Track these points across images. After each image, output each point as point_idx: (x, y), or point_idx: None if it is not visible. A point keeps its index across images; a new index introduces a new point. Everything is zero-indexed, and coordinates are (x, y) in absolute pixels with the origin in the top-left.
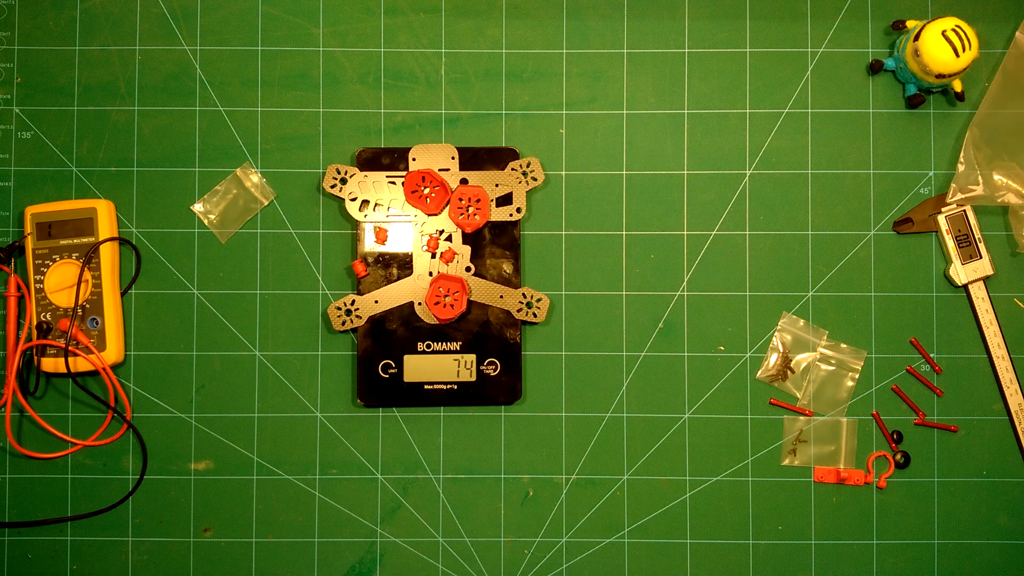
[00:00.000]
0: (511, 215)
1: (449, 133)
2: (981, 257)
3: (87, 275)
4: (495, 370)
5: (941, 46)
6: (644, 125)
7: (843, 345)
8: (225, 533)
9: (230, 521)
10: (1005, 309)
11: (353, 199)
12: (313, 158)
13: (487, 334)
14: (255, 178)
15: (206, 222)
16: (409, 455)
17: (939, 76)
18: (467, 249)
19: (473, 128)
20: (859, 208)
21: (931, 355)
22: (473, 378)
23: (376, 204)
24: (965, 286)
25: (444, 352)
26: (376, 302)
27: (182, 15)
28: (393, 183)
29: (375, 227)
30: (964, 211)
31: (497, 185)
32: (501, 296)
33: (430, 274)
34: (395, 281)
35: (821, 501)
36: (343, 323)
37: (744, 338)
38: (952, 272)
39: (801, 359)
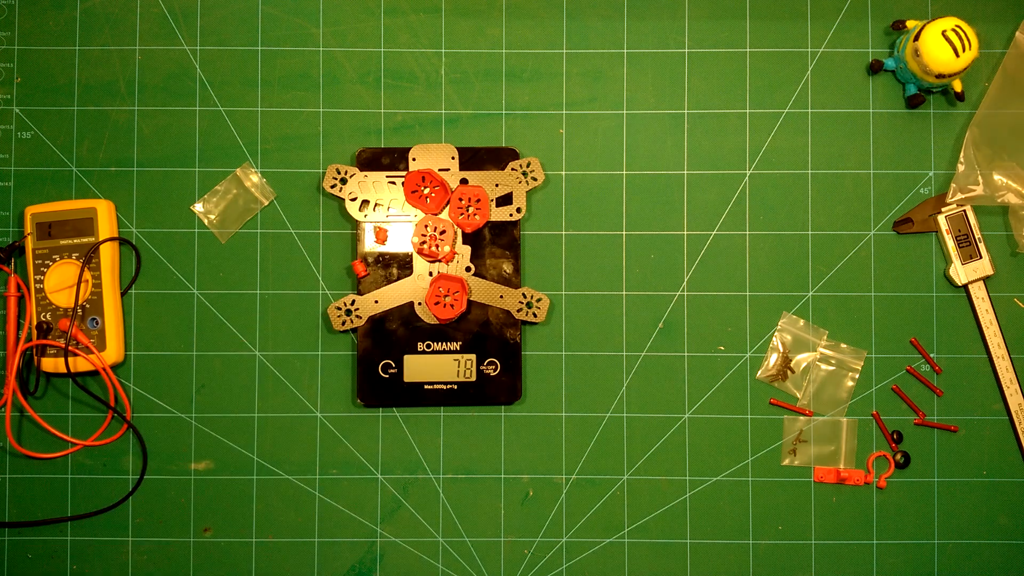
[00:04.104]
0: (511, 215)
1: (449, 133)
2: (981, 257)
3: (87, 275)
4: (495, 370)
5: (941, 46)
6: (644, 125)
7: (843, 345)
8: (225, 533)
9: (230, 521)
10: (1005, 309)
11: (353, 199)
12: (313, 158)
13: (487, 334)
14: (255, 178)
15: (206, 222)
16: (409, 455)
17: (939, 76)
18: (467, 249)
19: (473, 128)
20: (859, 208)
21: (931, 355)
22: (473, 378)
23: (376, 204)
24: (965, 286)
25: (444, 352)
26: (376, 302)
27: (182, 15)
28: (393, 183)
29: (375, 227)
30: (964, 211)
31: (497, 185)
32: (501, 296)
33: (430, 274)
34: (395, 281)
35: (821, 501)
36: (343, 323)
37: (744, 338)
38: (952, 272)
39: (801, 359)
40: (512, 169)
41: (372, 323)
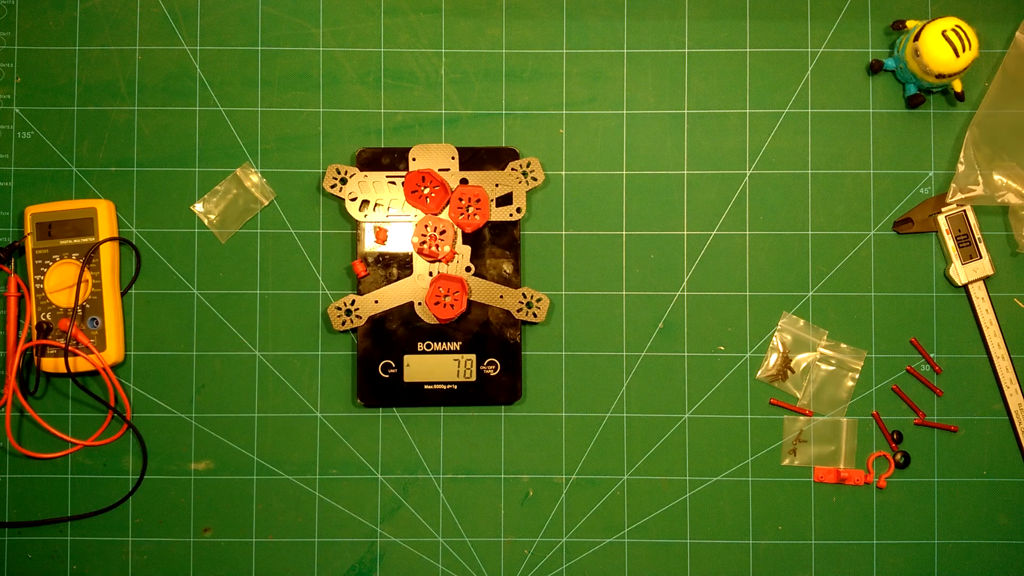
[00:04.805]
0: (511, 215)
1: (449, 133)
2: (981, 257)
3: (87, 275)
4: (495, 370)
5: (941, 46)
6: (644, 125)
7: (843, 345)
8: (225, 533)
9: (230, 521)
10: (1005, 309)
11: (353, 199)
12: (313, 158)
13: (487, 334)
14: (255, 178)
15: (206, 222)
16: (409, 455)
17: (939, 76)
18: (467, 249)
19: (473, 128)
20: (859, 208)
21: (931, 355)
22: (473, 378)
23: (376, 204)
24: (965, 286)
25: (444, 352)
26: (376, 302)
27: (182, 15)
28: (393, 183)
29: (375, 227)
30: (964, 211)
31: (497, 185)
32: (501, 296)
33: (430, 274)
34: (395, 281)
35: (821, 501)
36: (343, 323)
37: (744, 338)
38: (952, 272)
39: (801, 359)
40: (512, 169)
41: (372, 323)
